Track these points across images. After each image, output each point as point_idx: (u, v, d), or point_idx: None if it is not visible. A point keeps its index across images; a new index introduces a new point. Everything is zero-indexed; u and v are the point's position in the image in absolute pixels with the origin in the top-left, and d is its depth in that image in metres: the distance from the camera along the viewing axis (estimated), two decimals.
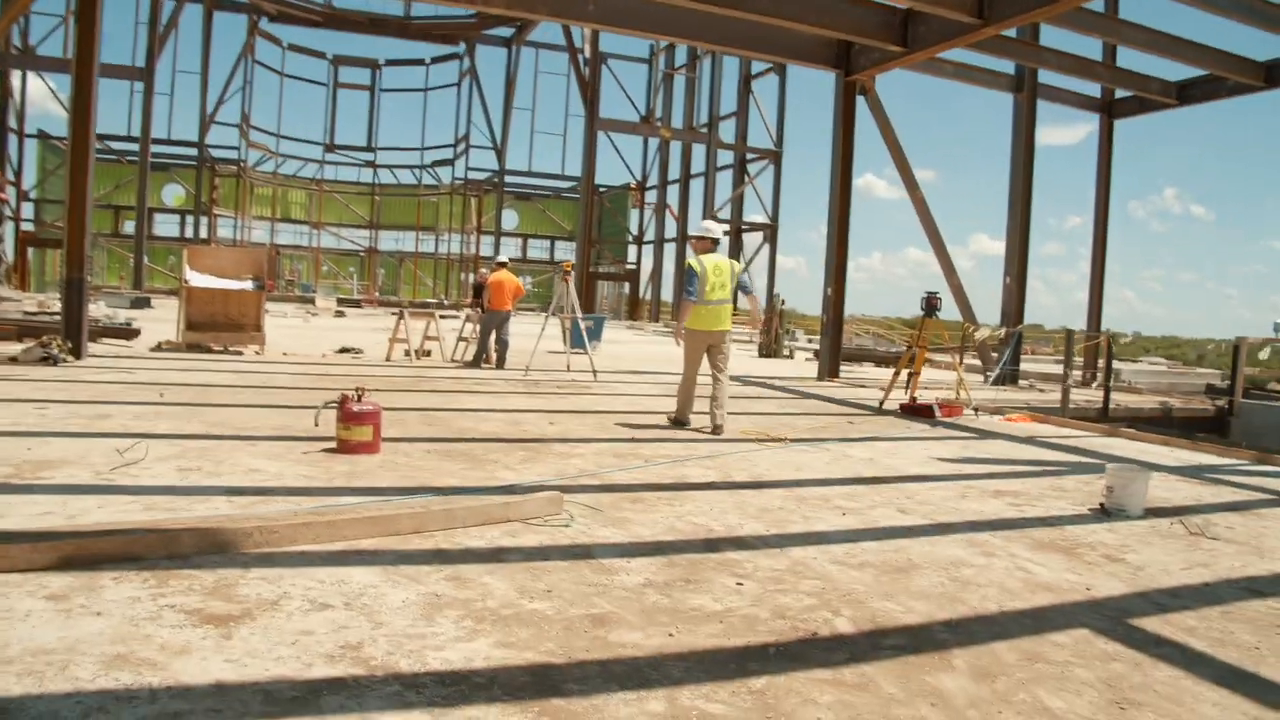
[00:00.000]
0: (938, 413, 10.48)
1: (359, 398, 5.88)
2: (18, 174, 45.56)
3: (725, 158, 49.07)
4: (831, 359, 15.09)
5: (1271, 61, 15.59)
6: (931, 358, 19.32)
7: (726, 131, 48.70)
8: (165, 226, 56.70)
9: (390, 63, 61.90)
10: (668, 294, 54.69)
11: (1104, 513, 5.62)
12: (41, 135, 49.21)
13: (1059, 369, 20.54)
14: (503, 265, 14.30)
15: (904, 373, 10.85)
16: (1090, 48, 16.39)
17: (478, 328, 15.02)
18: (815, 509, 5.15)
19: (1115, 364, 18.87)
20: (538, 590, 3.42)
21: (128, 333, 14.66)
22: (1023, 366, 17.68)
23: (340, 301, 47.17)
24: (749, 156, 49.69)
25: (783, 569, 3.91)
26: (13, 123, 43.88)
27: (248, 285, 14.48)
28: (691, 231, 8.47)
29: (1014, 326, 16.66)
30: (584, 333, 15.24)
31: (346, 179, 64.41)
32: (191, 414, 7.25)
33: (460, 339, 15.36)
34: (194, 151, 51.88)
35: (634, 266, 58.84)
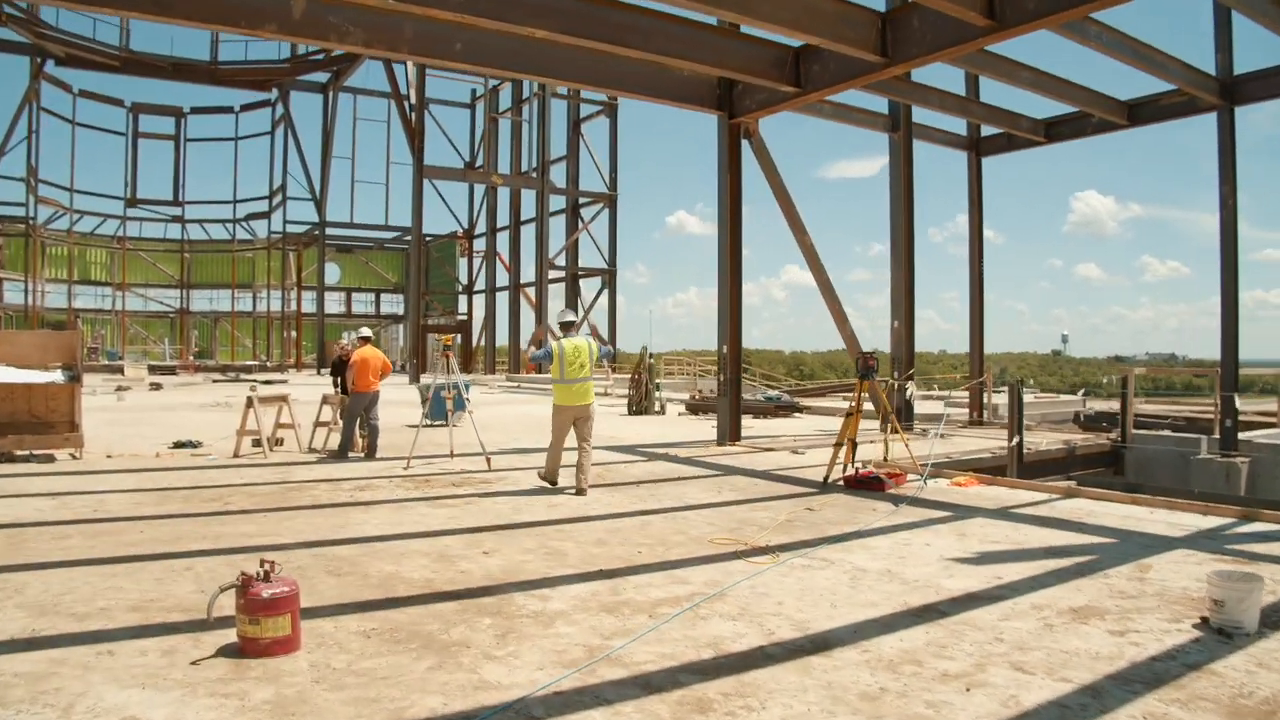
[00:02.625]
0: (889, 484, 9.53)
1: (266, 574, 4.20)
2: None
3: (558, 202, 48.01)
4: (732, 421, 14.01)
5: (1134, 101, 15.81)
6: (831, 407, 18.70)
7: (558, 175, 47.72)
8: None
9: (196, 110, 57.83)
10: (503, 341, 52.97)
11: (1219, 633, 4.67)
12: None
13: (937, 408, 20.34)
14: (366, 340, 12.51)
15: (845, 442, 9.84)
16: (954, 85, 16.22)
17: (338, 412, 13.14)
18: (920, 684, 3.89)
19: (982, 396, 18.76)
20: None
21: None
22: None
23: (153, 369, 43.04)
24: (582, 200, 48.86)
25: None
26: None
27: (56, 376, 12.06)
28: (551, 322, 9.57)
29: (906, 371, 16.13)
30: (450, 403, 13.39)
31: (152, 235, 59.55)
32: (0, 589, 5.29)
33: (318, 424, 13.38)
34: None
35: (465, 317, 56.83)
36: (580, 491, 8.95)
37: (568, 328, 9.69)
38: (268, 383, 35.08)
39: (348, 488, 9.39)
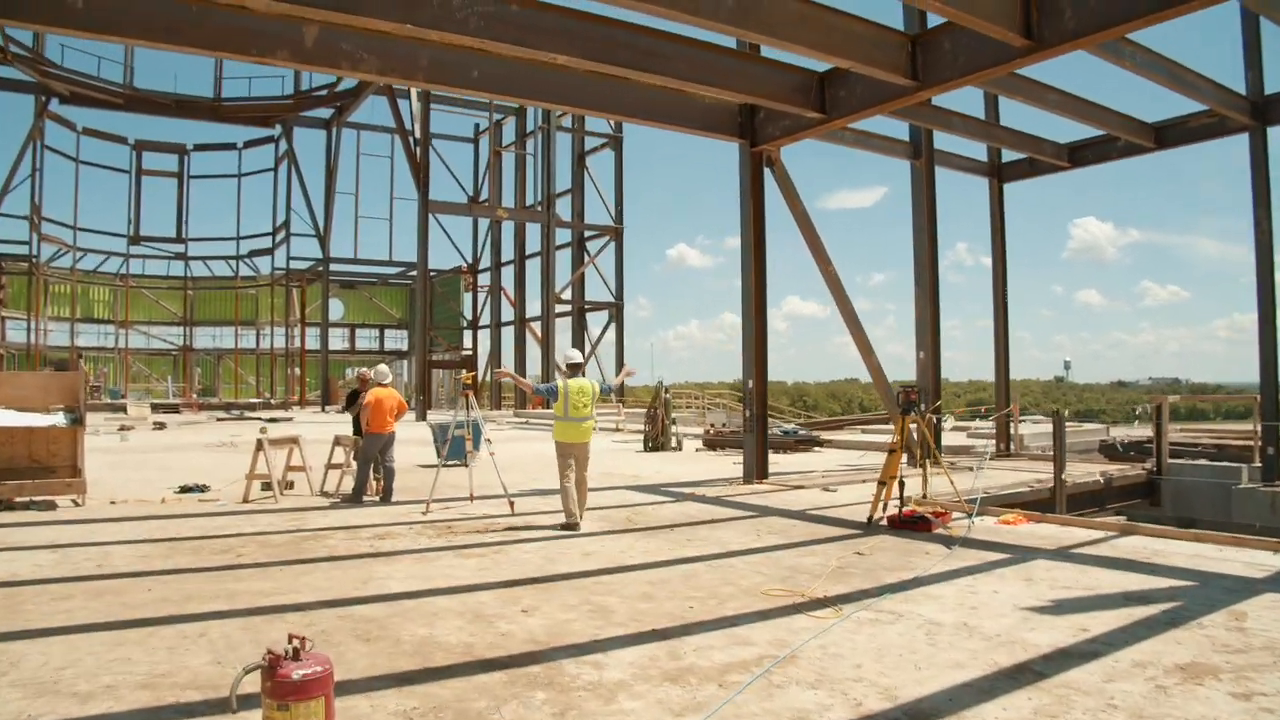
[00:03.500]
0: (935, 524, 9.05)
1: (296, 652, 3.72)
2: None
3: (563, 236, 47.74)
4: (759, 458, 13.53)
5: (1161, 123, 15.46)
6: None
7: (563, 209, 47.46)
8: None
9: (199, 147, 57.78)
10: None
11: None
12: None
13: (959, 439, 19.87)
14: (382, 385, 12.03)
15: (888, 480, 9.36)
16: (974, 109, 15.90)
17: (351, 454, 12.68)
18: None
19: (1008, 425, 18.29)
20: None
21: None
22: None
23: (155, 408, 42.57)
24: (588, 234, 48.55)
25: None
26: None
27: (58, 420, 11.62)
28: (558, 361, 10.18)
29: (934, 403, 15.66)
30: (474, 439, 12.84)
31: (155, 273, 59.30)
32: None
33: (330, 466, 12.90)
34: None
35: (469, 352, 56.37)
36: (574, 524, 9.38)
37: (575, 369, 9.99)
38: (273, 420, 34.64)
39: (366, 536, 8.91)
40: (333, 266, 55.65)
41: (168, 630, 5.44)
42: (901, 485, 9.49)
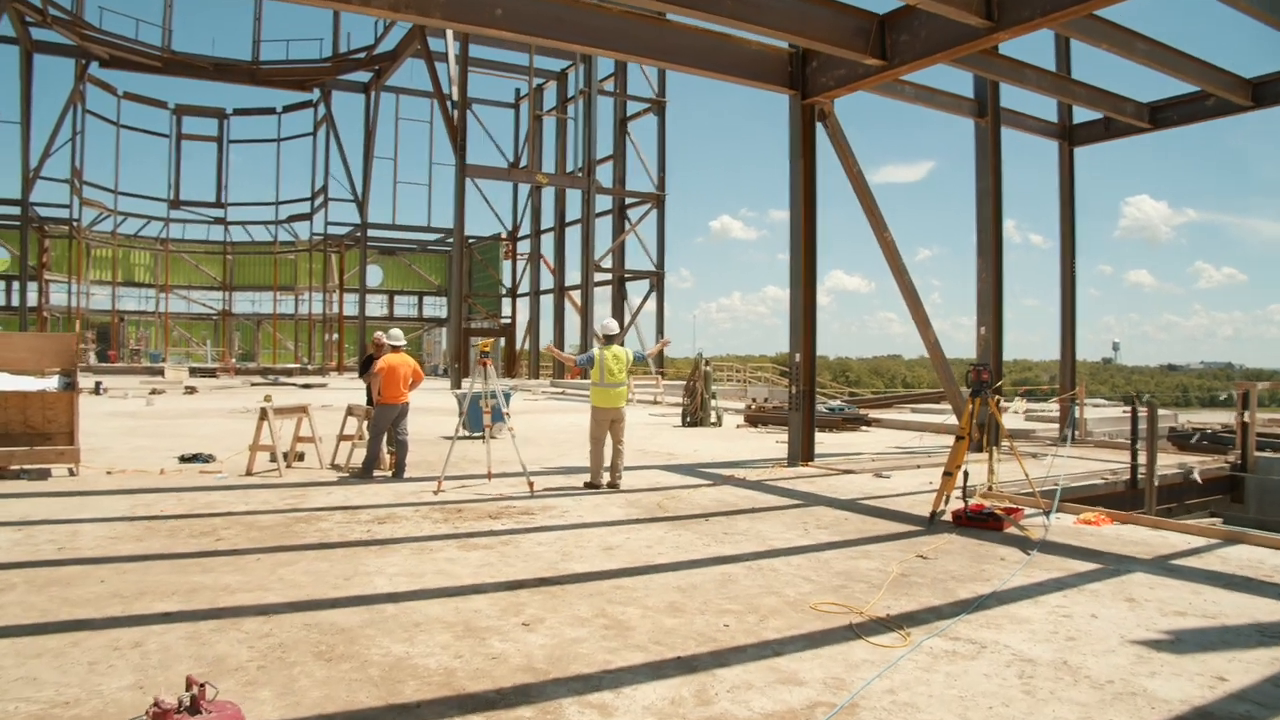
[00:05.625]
0: (1007, 522, 7.95)
1: (194, 702, 2.74)
2: None
3: (604, 203, 46.58)
4: (805, 438, 12.45)
5: (1260, 78, 13.98)
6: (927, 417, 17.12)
7: (604, 175, 46.27)
8: None
9: (239, 111, 57.43)
10: (547, 345, 51.66)
11: None
12: None
13: (1016, 422, 18.60)
14: (396, 349, 11.11)
15: (959, 470, 8.24)
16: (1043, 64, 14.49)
17: (364, 424, 11.79)
18: None
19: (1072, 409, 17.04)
20: None
21: None
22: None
23: (193, 372, 42.35)
24: (629, 201, 47.37)
25: None
26: None
27: (51, 384, 10.85)
28: (596, 330, 9.49)
29: (994, 383, 14.42)
30: (491, 412, 11.89)
31: (195, 237, 59.32)
32: None
33: (341, 437, 12.05)
34: (17, 210, 46.16)
35: (509, 320, 55.59)
36: (614, 486, 10.00)
37: (611, 339, 10.39)
38: (307, 386, 34.13)
39: (365, 519, 7.99)
40: (371, 232, 55.12)
41: (98, 639, 4.54)
42: (965, 475, 8.38)
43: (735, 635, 4.80)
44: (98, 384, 29.01)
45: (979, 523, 7.96)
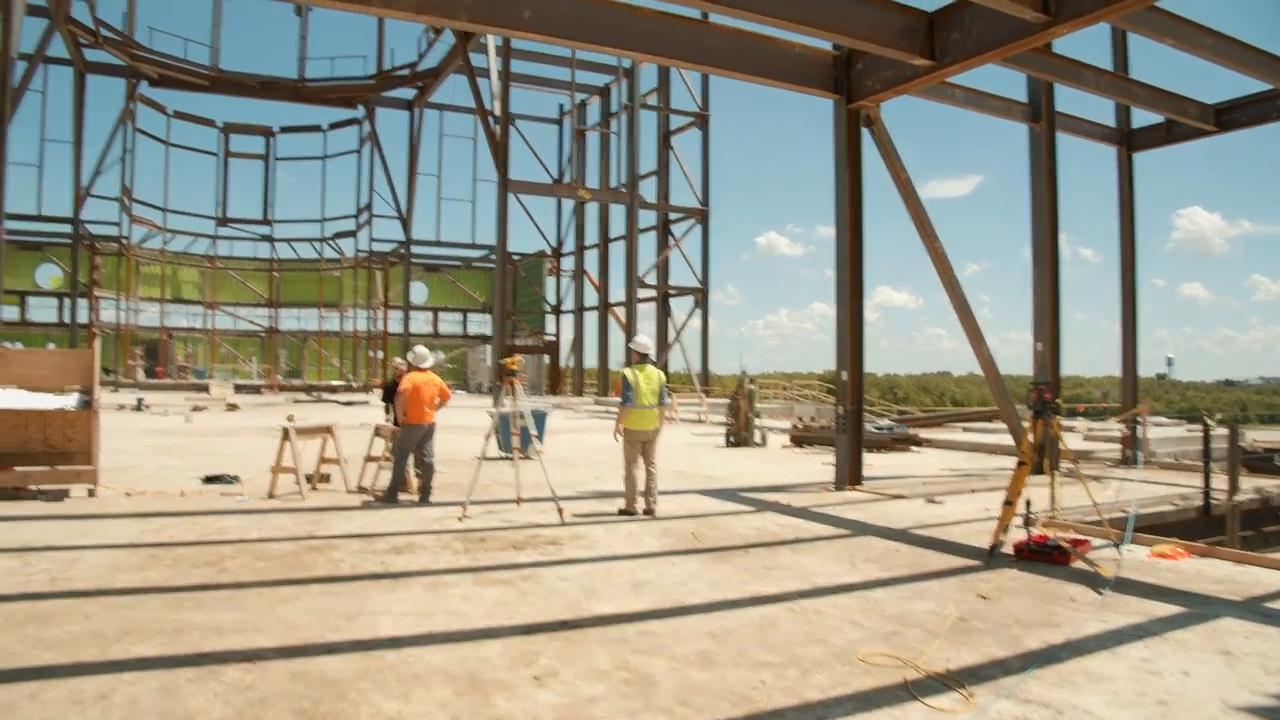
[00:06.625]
0: (1074, 555, 7.27)
1: None
2: None
3: (647, 219, 46.16)
4: (853, 461, 11.81)
5: None
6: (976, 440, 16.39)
7: (648, 191, 45.86)
8: (41, 311, 51.43)
9: (285, 129, 57.98)
10: (591, 363, 51.34)
11: None
12: None
13: (1074, 442, 17.73)
14: (420, 368, 10.66)
15: (1021, 499, 7.58)
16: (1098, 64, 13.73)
17: (390, 445, 11.36)
18: None
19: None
20: None
21: None
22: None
23: (238, 389, 42.54)
24: (673, 216, 46.84)
25: None
26: None
27: (69, 402, 10.56)
28: (631, 346, 10.05)
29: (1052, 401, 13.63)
30: (521, 435, 11.39)
31: (242, 254, 59.93)
32: None
33: (368, 459, 11.63)
34: (68, 228, 46.93)
35: (553, 338, 55.24)
36: (649, 512, 9.55)
37: (644, 358, 9.94)
38: (349, 404, 34.03)
39: (381, 548, 7.53)
40: (415, 249, 55.28)
41: (60, 689, 4.10)
42: (1027, 502, 7.71)
43: (773, 694, 4.22)
44: (139, 400, 29.12)
45: (1043, 556, 7.29)
